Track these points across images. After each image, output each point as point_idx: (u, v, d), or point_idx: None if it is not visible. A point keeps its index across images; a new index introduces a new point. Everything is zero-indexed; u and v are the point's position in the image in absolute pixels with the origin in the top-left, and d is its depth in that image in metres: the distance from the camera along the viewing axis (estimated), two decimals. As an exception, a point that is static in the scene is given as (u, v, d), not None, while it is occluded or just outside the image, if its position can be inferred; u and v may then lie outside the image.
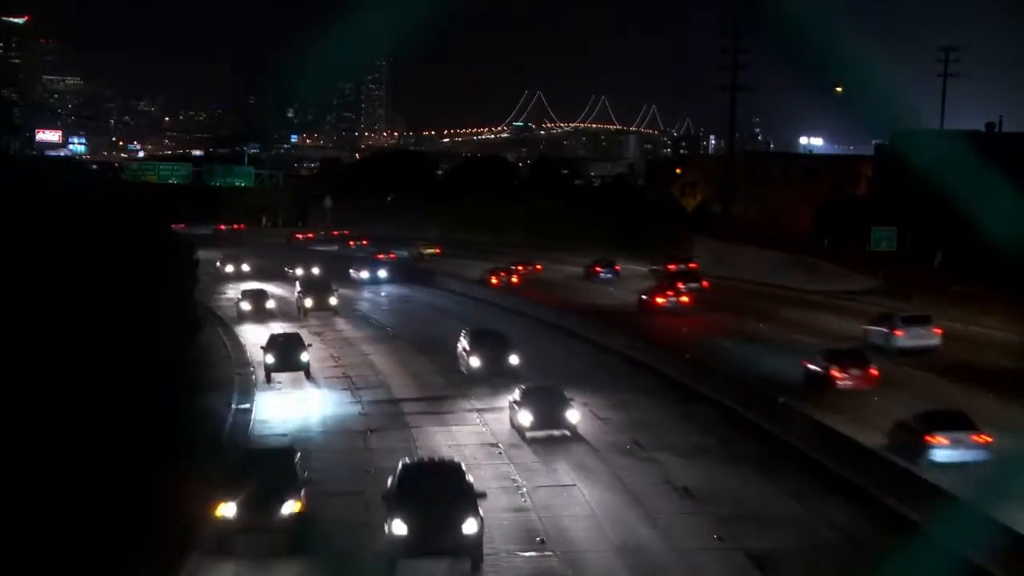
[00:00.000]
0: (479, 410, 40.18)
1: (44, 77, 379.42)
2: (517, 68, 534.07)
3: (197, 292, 65.45)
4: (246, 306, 62.75)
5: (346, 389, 45.05)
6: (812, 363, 42.04)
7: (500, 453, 34.20)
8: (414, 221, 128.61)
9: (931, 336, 49.00)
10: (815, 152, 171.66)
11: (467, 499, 23.43)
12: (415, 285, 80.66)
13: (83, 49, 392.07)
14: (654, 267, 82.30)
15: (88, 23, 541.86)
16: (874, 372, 41.10)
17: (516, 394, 36.80)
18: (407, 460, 26.44)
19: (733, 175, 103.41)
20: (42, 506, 22.96)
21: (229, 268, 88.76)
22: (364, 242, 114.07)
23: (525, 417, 35.28)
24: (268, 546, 24.57)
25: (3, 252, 29.63)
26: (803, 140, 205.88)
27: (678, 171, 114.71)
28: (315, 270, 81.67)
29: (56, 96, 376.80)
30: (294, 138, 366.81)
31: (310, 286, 66.96)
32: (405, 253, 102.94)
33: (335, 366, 49.93)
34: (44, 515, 22.87)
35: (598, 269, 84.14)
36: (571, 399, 36.15)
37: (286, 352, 45.96)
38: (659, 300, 64.02)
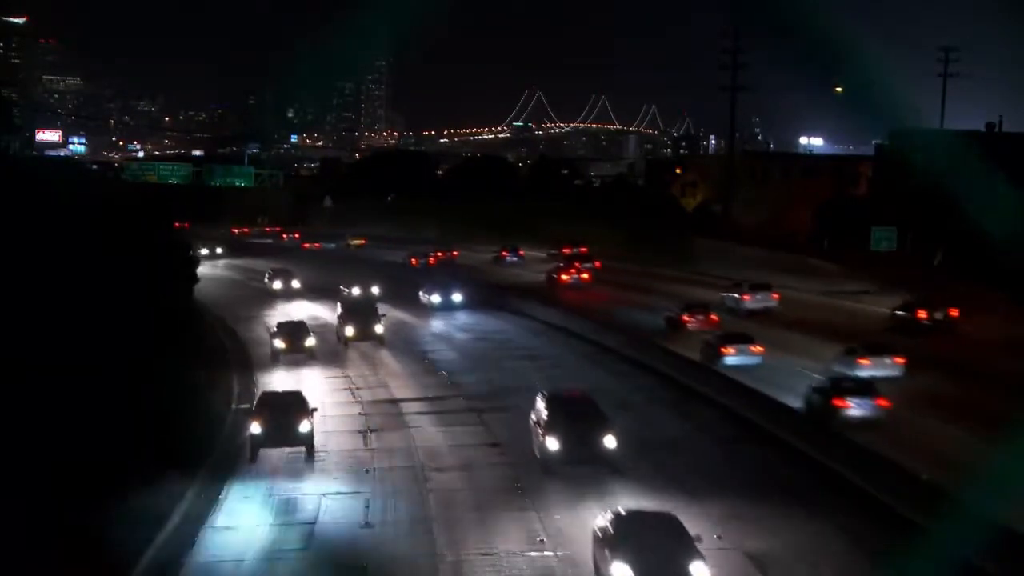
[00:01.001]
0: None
1: (44, 77, 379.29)
2: (517, 68, 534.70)
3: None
4: (280, 344, 50.53)
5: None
6: (670, 313, 56.95)
7: (500, 453, 34.23)
8: (414, 221, 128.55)
9: (771, 300, 61.17)
10: (815, 152, 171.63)
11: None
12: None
13: (83, 49, 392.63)
14: (551, 252, 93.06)
15: (88, 23, 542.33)
16: (714, 317, 55.48)
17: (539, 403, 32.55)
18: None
19: (733, 175, 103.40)
20: (41, 505, 22.97)
21: (277, 284, 77.74)
22: (296, 235, 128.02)
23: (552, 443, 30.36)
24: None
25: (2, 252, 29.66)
26: (803, 140, 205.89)
27: (678, 171, 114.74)
28: (359, 290, 69.48)
29: (56, 96, 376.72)
30: (294, 138, 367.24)
31: (351, 311, 56.57)
32: (332, 245, 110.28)
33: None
34: (44, 513, 22.88)
35: (505, 253, 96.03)
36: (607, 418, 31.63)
37: (280, 419, 33.73)
38: (564, 277, 77.01)
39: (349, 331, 53.87)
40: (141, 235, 42.94)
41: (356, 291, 68.99)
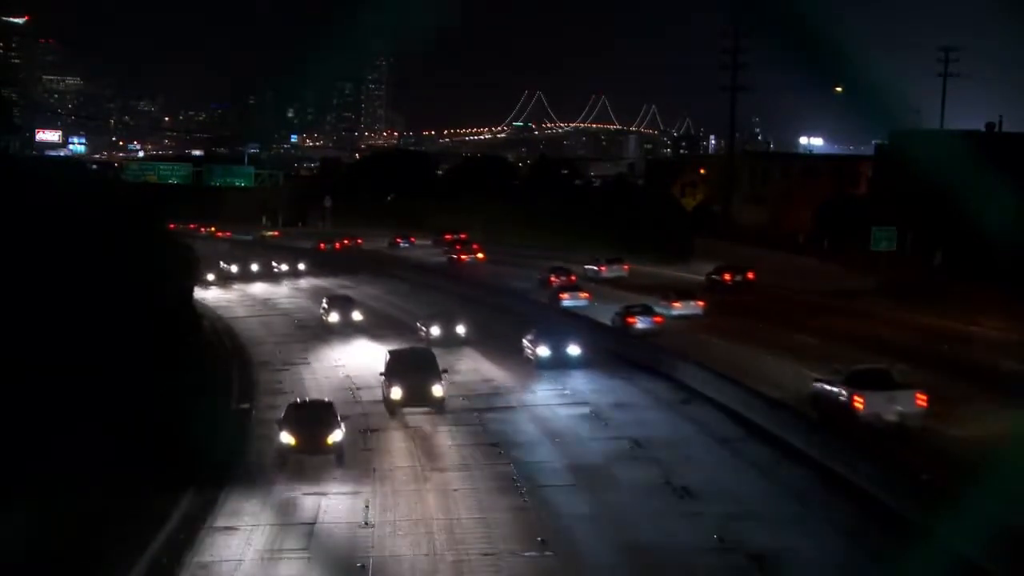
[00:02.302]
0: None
1: (44, 77, 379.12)
2: (517, 68, 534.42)
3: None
4: (288, 439, 33.01)
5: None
6: (540, 276, 76.04)
7: (500, 453, 34.20)
8: (413, 221, 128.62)
9: (622, 271, 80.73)
10: (815, 152, 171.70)
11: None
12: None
13: (83, 49, 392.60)
14: (436, 238, 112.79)
15: (88, 23, 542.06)
16: (573, 278, 74.34)
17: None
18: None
19: (733, 175, 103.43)
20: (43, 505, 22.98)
21: (334, 318, 60.66)
22: (217, 231, 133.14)
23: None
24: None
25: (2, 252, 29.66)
26: (803, 140, 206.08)
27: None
28: (439, 328, 53.70)
29: (56, 96, 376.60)
30: (294, 138, 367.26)
31: (402, 364, 40.19)
32: (249, 237, 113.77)
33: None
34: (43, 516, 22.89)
35: (399, 240, 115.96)
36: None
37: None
38: (464, 257, 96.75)
39: (397, 394, 39.00)
40: (141, 235, 42.94)
41: (436, 330, 53.31)
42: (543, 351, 46.96)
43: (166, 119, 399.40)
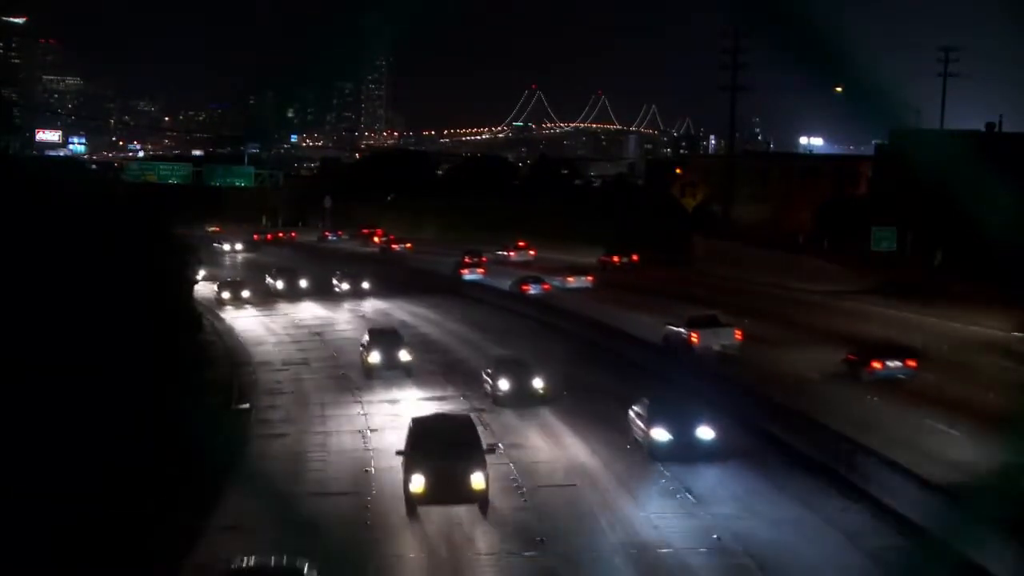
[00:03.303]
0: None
1: (44, 77, 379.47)
2: (517, 68, 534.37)
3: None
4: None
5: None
6: (456, 259, 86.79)
7: (500, 453, 34.16)
8: (413, 221, 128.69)
9: (529, 256, 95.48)
10: (815, 152, 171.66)
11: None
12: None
13: (83, 49, 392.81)
14: (359, 233, 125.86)
15: (88, 23, 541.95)
16: (484, 260, 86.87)
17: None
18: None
19: (733, 175, 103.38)
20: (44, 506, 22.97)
21: (375, 358, 46.20)
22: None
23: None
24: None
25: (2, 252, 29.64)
26: (803, 140, 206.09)
27: (678, 171, 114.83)
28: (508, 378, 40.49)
29: (56, 96, 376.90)
30: (294, 138, 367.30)
31: (428, 439, 28.53)
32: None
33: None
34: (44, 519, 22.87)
35: (327, 234, 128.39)
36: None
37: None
38: (395, 247, 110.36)
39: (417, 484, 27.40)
40: (141, 235, 42.91)
41: (504, 384, 39.82)
42: (660, 434, 31.66)
43: (166, 119, 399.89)
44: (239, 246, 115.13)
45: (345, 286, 74.99)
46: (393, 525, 27.32)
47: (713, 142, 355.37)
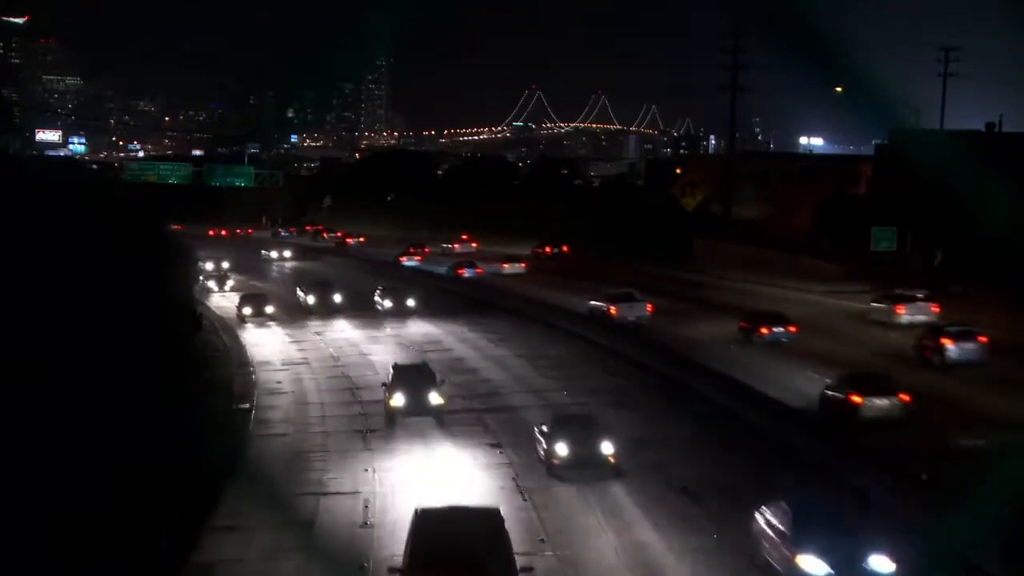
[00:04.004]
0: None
1: (44, 77, 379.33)
2: (517, 68, 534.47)
3: None
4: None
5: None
6: (400, 249, 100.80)
7: (500, 453, 34.18)
8: (413, 221, 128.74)
9: (471, 247, 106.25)
10: (815, 152, 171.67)
11: None
12: None
13: (83, 49, 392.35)
14: (315, 230, 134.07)
15: (88, 23, 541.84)
16: (427, 250, 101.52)
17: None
18: None
19: (733, 175, 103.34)
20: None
21: (399, 401, 37.53)
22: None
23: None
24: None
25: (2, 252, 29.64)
26: (803, 140, 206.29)
27: (678, 171, 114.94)
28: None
29: (56, 96, 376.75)
30: (294, 138, 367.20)
31: (442, 560, 20.54)
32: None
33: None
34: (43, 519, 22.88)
35: (280, 231, 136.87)
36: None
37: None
38: (348, 240, 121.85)
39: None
40: (140, 235, 42.91)
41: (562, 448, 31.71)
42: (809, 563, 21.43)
43: (166, 119, 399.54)
44: (287, 253, 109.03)
45: (388, 303, 65.49)
46: (393, 525, 27.32)
47: (713, 142, 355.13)
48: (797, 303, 61.20)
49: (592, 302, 59.50)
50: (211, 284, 79.13)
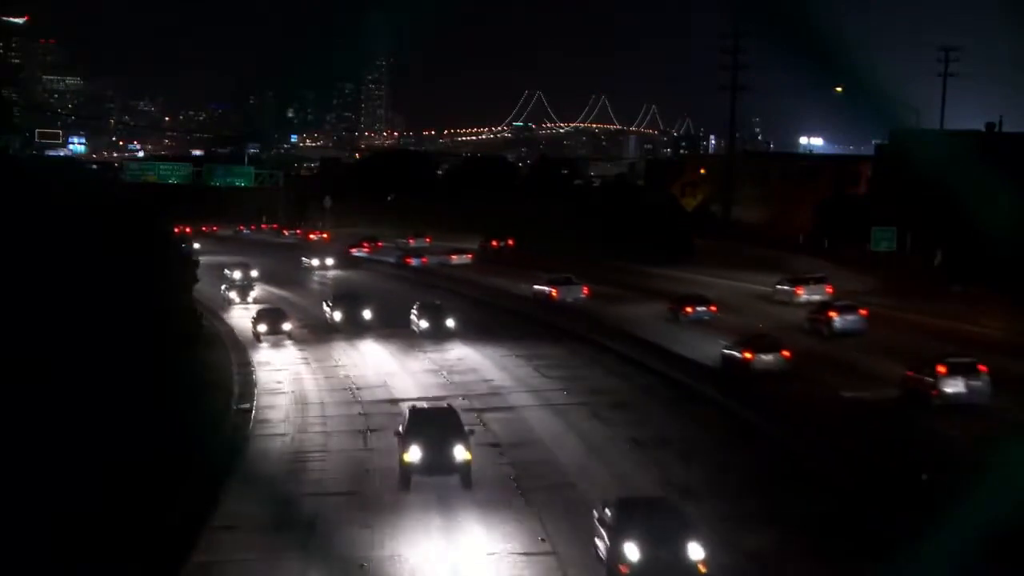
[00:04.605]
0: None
1: (44, 77, 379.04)
2: (517, 68, 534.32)
3: None
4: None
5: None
6: (352, 242, 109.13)
7: (500, 453, 34.18)
8: (413, 221, 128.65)
9: (424, 243, 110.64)
10: (815, 152, 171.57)
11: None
12: None
13: (83, 49, 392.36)
14: (293, 231, 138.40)
15: (88, 23, 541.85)
16: (380, 244, 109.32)
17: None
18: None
19: (733, 175, 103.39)
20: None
21: (415, 454, 30.61)
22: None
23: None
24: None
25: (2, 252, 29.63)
26: (803, 140, 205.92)
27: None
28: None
29: (56, 96, 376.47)
30: (294, 138, 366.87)
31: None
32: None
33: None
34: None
35: (241, 228, 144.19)
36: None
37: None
38: (311, 236, 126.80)
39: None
40: (140, 234, 42.92)
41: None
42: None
43: (166, 119, 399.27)
44: (329, 261, 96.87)
45: (424, 324, 56.45)
46: (393, 525, 27.31)
47: (713, 142, 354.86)
48: (736, 292, 68.32)
49: (536, 286, 69.09)
50: (232, 295, 73.33)
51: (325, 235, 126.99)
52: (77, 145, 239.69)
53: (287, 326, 57.80)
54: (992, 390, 37.40)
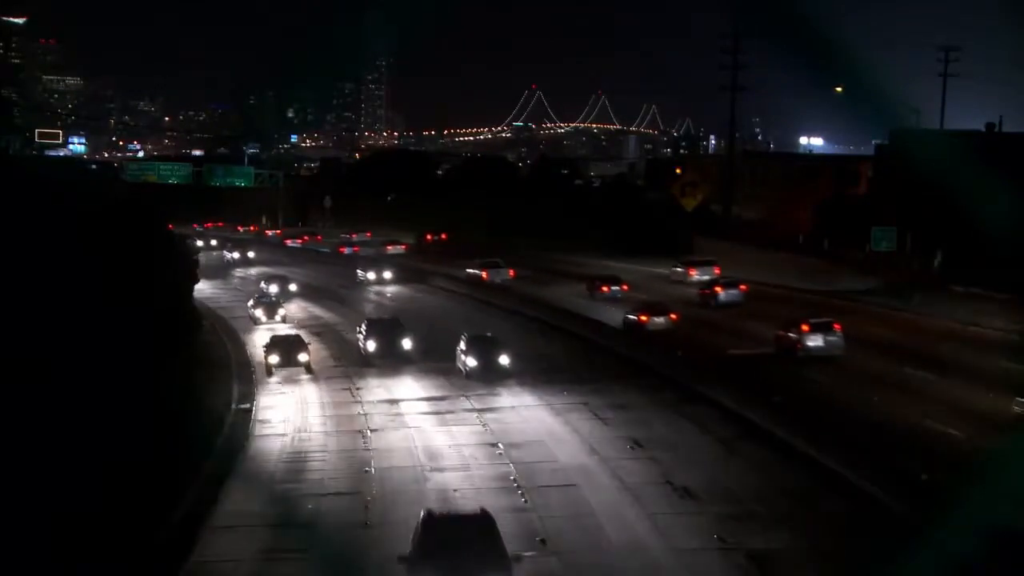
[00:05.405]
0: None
1: (44, 77, 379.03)
2: (517, 68, 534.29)
3: None
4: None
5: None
6: (293, 231, 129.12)
7: (500, 453, 34.17)
8: (413, 221, 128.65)
9: (366, 237, 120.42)
10: (815, 152, 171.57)
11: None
12: None
13: (83, 49, 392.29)
14: (273, 232, 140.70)
15: (88, 23, 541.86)
16: (320, 237, 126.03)
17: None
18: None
19: (733, 175, 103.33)
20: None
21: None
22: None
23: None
24: None
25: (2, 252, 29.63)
26: (803, 140, 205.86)
27: (678, 171, 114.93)
28: None
29: (56, 96, 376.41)
30: (294, 138, 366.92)
31: None
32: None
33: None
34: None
35: (195, 225, 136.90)
36: None
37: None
38: (267, 232, 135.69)
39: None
40: (140, 234, 42.91)
41: None
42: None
43: (166, 119, 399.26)
44: (387, 275, 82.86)
45: (472, 362, 45.18)
46: (393, 525, 27.28)
47: (713, 142, 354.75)
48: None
49: (469, 269, 79.85)
50: (259, 312, 62.68)
51: (278, 231, 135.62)
52: (77, 145, 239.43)
53: (303, 357, 48.25)
54: (845, 344, 46.17)
